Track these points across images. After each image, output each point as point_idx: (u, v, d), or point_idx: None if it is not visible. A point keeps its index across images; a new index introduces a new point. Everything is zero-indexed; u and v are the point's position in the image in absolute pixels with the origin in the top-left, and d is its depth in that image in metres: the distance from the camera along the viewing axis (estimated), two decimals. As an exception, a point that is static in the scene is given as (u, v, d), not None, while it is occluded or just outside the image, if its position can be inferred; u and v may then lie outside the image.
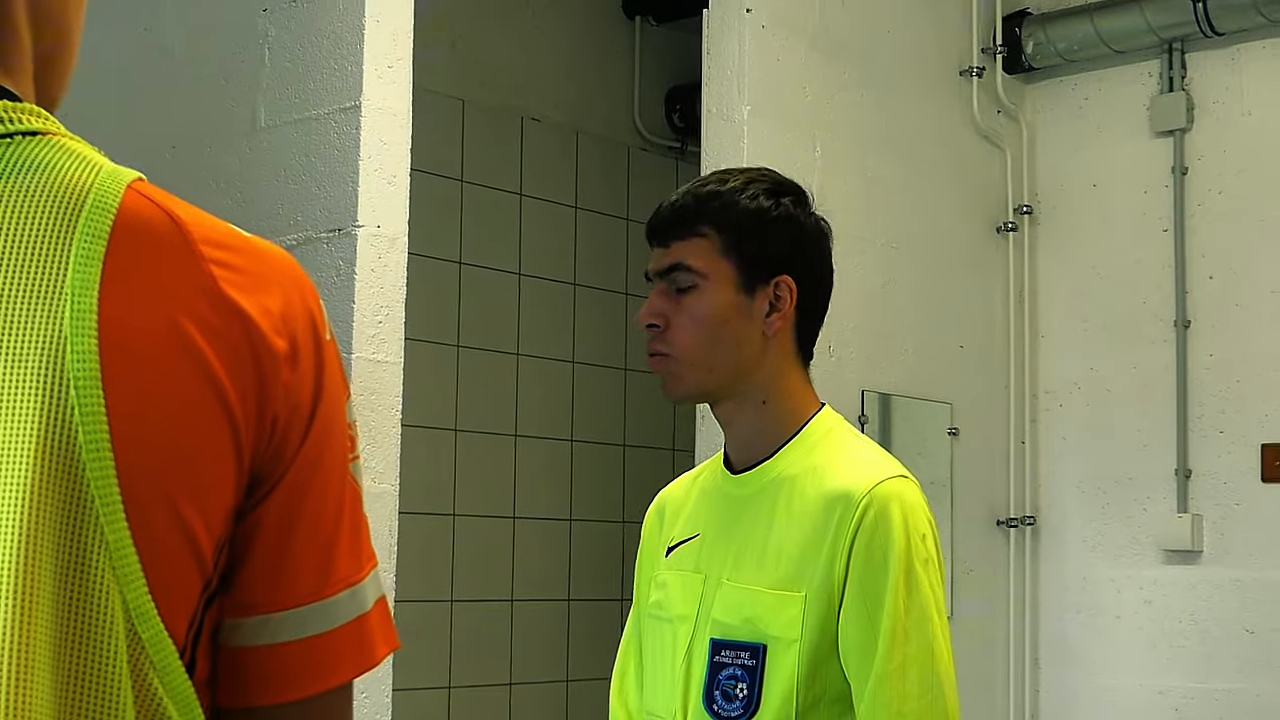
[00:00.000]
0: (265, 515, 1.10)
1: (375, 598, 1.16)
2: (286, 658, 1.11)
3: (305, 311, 1.13)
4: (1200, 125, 5.04)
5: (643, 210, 5.56)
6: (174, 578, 1.04)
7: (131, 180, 1.09)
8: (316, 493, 1.13)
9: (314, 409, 1.12)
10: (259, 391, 1.08)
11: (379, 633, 1.16)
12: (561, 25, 5.57)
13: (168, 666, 1.04)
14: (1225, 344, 4.92)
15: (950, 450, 4.92)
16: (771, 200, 2.24)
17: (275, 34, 3.54)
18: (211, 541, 1.06)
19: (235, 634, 1.10)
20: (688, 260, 2.21)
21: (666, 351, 2.21)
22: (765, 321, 2.22)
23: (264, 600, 1.11)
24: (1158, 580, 4.98)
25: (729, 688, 2.14)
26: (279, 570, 1.11)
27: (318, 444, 1.12)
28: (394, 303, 3.35)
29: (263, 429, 1.09)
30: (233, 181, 3.56)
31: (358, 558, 1.15)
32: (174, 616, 1.04)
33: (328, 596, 1.13)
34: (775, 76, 4.33)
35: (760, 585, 2.16)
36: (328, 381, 1.13)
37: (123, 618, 1.01)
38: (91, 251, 1.04)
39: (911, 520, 2.11)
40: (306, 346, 1.12)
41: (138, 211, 1.07)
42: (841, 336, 4.42)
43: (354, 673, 1.15)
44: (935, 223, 4.93)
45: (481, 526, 5.18)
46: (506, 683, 5.23)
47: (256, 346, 1.08)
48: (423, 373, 4.55)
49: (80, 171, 1.08)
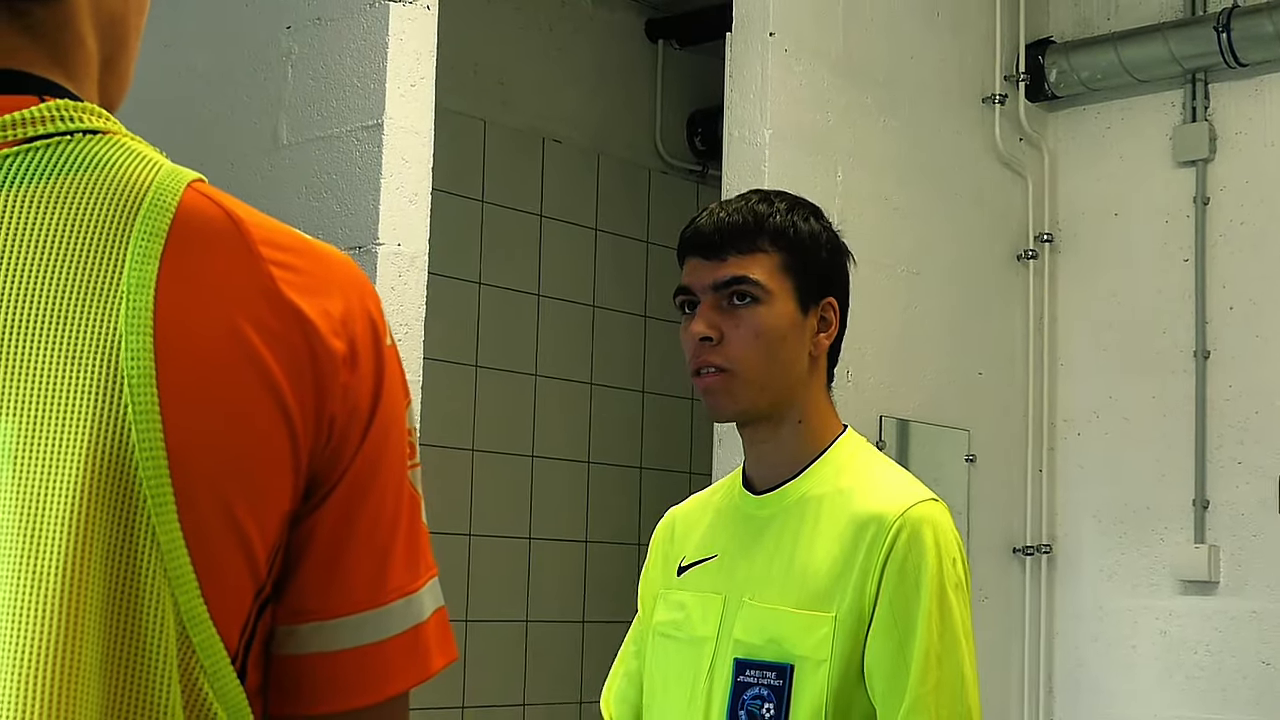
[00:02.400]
0: (321, 520, 1.08)
1: (433, 608, 1.14)
2: (339, 666, 1.10)
3: (365, 315, 1.11)
4: (1223, 155, 5.03)
5: (663, 233, 5.57)
6: (227, 582, 1.03)
7: (192, 180, 1.08)
8: (374, 498, 1.11)
9: (372, 412, 1.10)
10: (316, 394, 1.06)
11: (435, 643, 1.14)
12: (585, 47, 5.58)
13: (219, 671, 1.03)
14: (1245, 375, 4.90)
15: (968, 477, 4.91)
16: (820, 224, 2.27)
17: (299, 51, 3.55)
18: (266, 546, 1.05)
19: (288, 641, 1.09)
20: (752, 274, 2.20)
21: (723, 365, 2.19)
22: (814, 342, 2.24)
23: (317, 607, 1.09)
24: (1174, 611, 4.96)
25: (754, 708, 2.14)
26: (333, 576, 1.09)
27: (376, 448, 1.10)
28: (413, 321, 3.36)
29: (320, 432, 1.07)
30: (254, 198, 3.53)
31: (415, 566, 1.13)
32: (226, 621, 1.03)
33: (382, 605, 1.10)
34: (798, 101, 4.33)
35: (786, 605, 2.15)
36: (387, 385, 1.12)
37: (174, 620, 1.00)
38: (149, 250, 1.03)
39: (943, 544, 2.12)
40: (366, 349, 1.10)
41: (197, 210, 1.07)
42: (861, 361, 4.41)
43: (408, 684, 1.13)
44: (956, 249, 4.93)
45: (498, 547, 5.18)
46: (520, 704, 5.22)
47: (315, 349, 1.06)
48: (441, 393, 4.55)
49: (140, 169, 1.07)
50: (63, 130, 1.08)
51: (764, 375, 2.19)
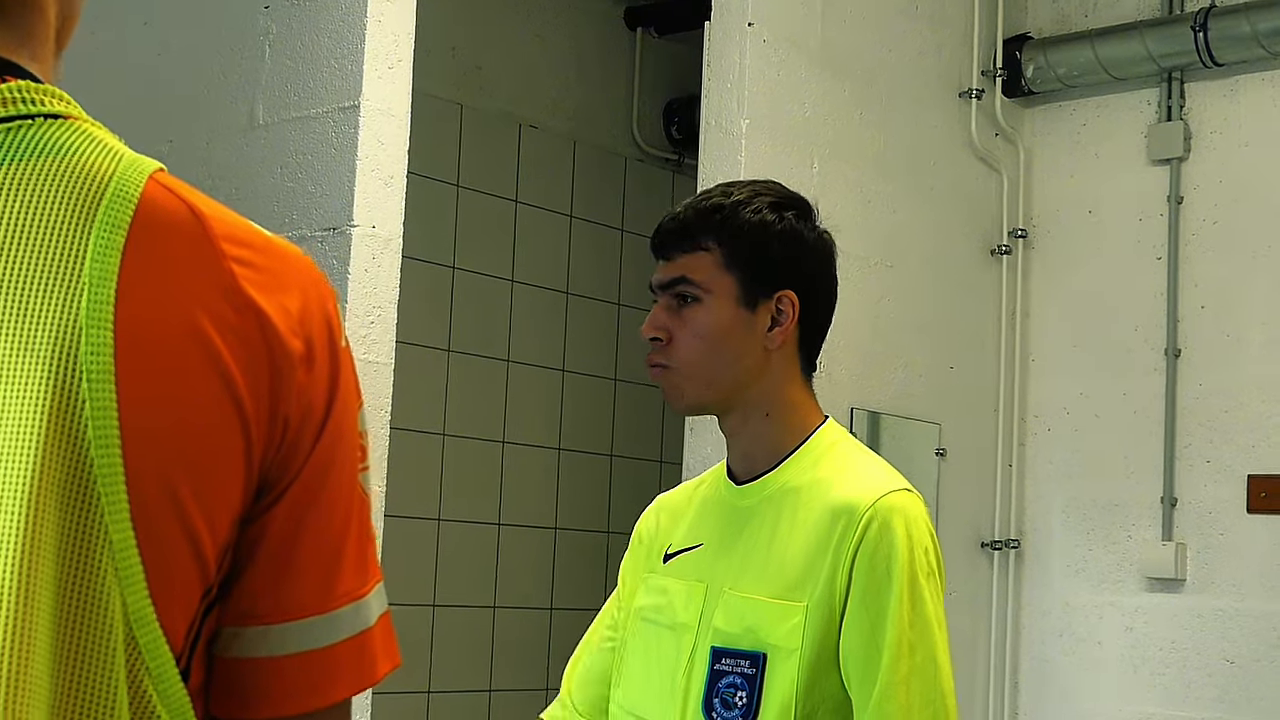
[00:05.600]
0: (271, 521, 1.07)
1: (379, 612, 1.14)
2: (286, 671, 1.08)
3: (323, 314, 1.10)
4: (1197, 155, 5.05)
5: (638, 221, 5.57)
6: (175, 582, 1.02)
7: (153, 170, 1.07)
8: (325, 501, 1.10)
9: (327, 413, 1.09)
10: (272, 392, 1.05)
11: (381, 649, 1.13)
12: (563, 34, 5.57)
13: (163, 674, 1.01)
14: (1215, 374, 4.92)
15: (937, 471, 4.92)
16: (775, 214, 2.25)
17: (276, 31, 3.54)
18: (216, 546, 1.04)
19: (234, 644, 1.07)
20: (690, 274, 2.21)
21: (666, 364, 2.22)
22: (766, 336, 2.22)
23: (265, 610, 1.08)
24: (1140, 608, 4.98)
25: (728, 695, 2.15)
26: (282, 580, 1.08)
27: (329, 450, 1.09)
28: (386, 304, 3.35)
29: (274, 431, 1.06)
30: (229, 177, 3.56)
31: (363, 571, 1.12)
32: (173, 622, 1.02)
33: (331, 610, 1.10)
34: (775, 91, 4.33)
35: (762, 595, 2.16)
36: (342, 387, 1.11)
37: (122, 621, 0.99)
38: (111, 242, 1.02)
39: (915, 533, 2.12)
40: (322, 350, 1.09)
41: (160, 203, 1.05)
42: (832, 354, 4.40)
43: (353, 689, 1.12)
44: (930, 243, 4.94)
45: (467, 532, 5.18)
46: (486, 689, 5.22)
47: (272, 347, 1.05)
48: (413, 376, 4.55)
49: (102, 158, 1.06)
50: (24, 114, 1.06)
51: (707, 372, 2.21)
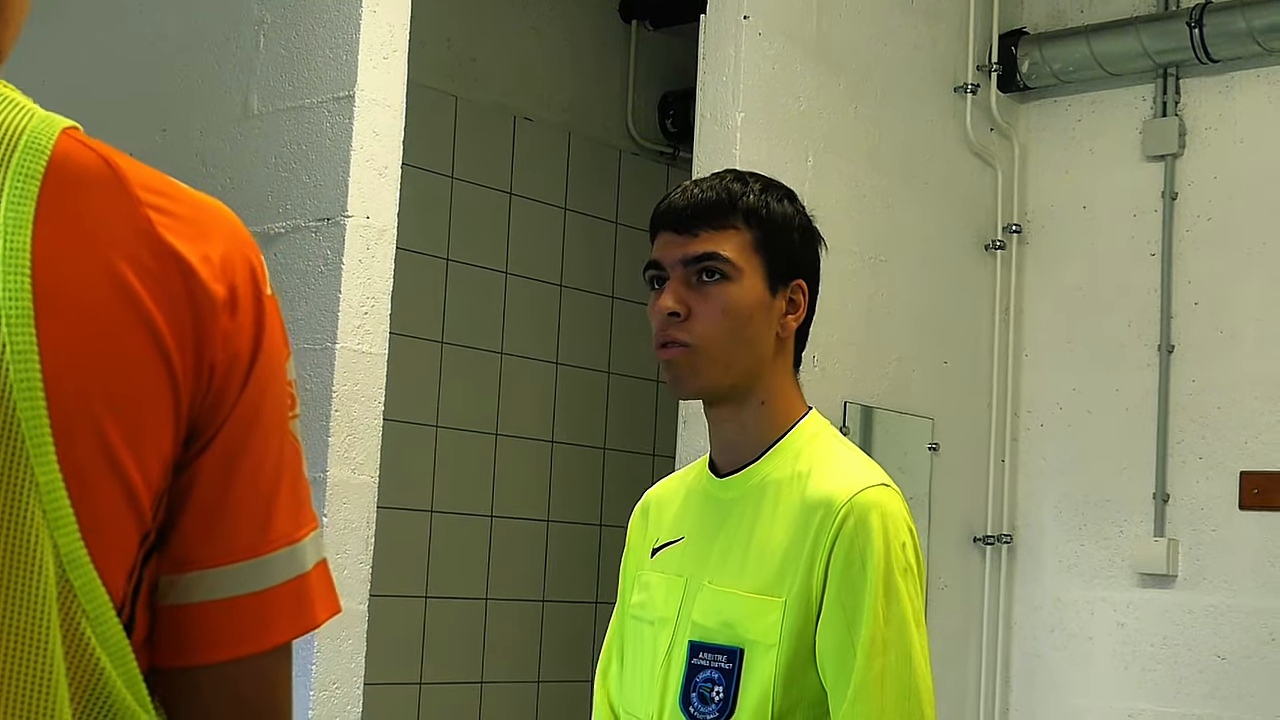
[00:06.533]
0: (202, 467, 1.08)
1: (316, 559, 1.14)
2: (222, 615, 1.09)
3: (245, 262, 1.11)
4: (1192, 151, 5.05)
5: (633, 214, 5.57)
6: (109, 525, 1.02)
7: (66, 126, 1.08)
8: (256, 446, 1.11)
9: (253, 359, 1.10)
10: (196, 338, 1.06)
11: (319, 595, 1.14)
12: (558, 26, 5.56)
13: (101, 616, 1.02)
14: (1208, 370, 4.92)
15: (930, 465, 4.92)
16: (793, 206, 2.27)
17: (271, 20, 3.53)
18: (150, 492, 1.05)
19: (171, 591, 1.08)
20: (723, 250, 2.18)
21: (687, 340, 2.17)
22: (781, 323, 2.23)
23: (200, 556, 1.09)
24: (1132, 603, 4.98)
25: (705, 690, 2.14)
26: (215, 524, 1.09)
27: (257, 396, 1.10)
28: (380, 294, 3.34)
29: (200, 376, 1.07)
30: (222, 167, 3.55)
31: (297, 516, 1.13)
32: (110, 567, 1.02)
33: (265, 553, 1.11)
34: (770, 84, 4.33)
35: (740, 589, 2.15)
36: (268, 333, 1.12)
37: (53, 562, 0.99)
38: (25, 190, 1.02)
39: (892, 529, 2.10)
40: (246, 296, 1.10)
41: (72, 155, 1.06)
42: (826, 348, 4.42)
43: (292, 633, 1.13)
44: (924, 238, 4.93)
45: (458, 524, 5.17)
46: (478, 681, 5.22)
47: (195, 292, 1.06)
48: (405, 367, 4.54)
49: (12, 115, 1.06)
50: None
51: (728, 353, 2.18)
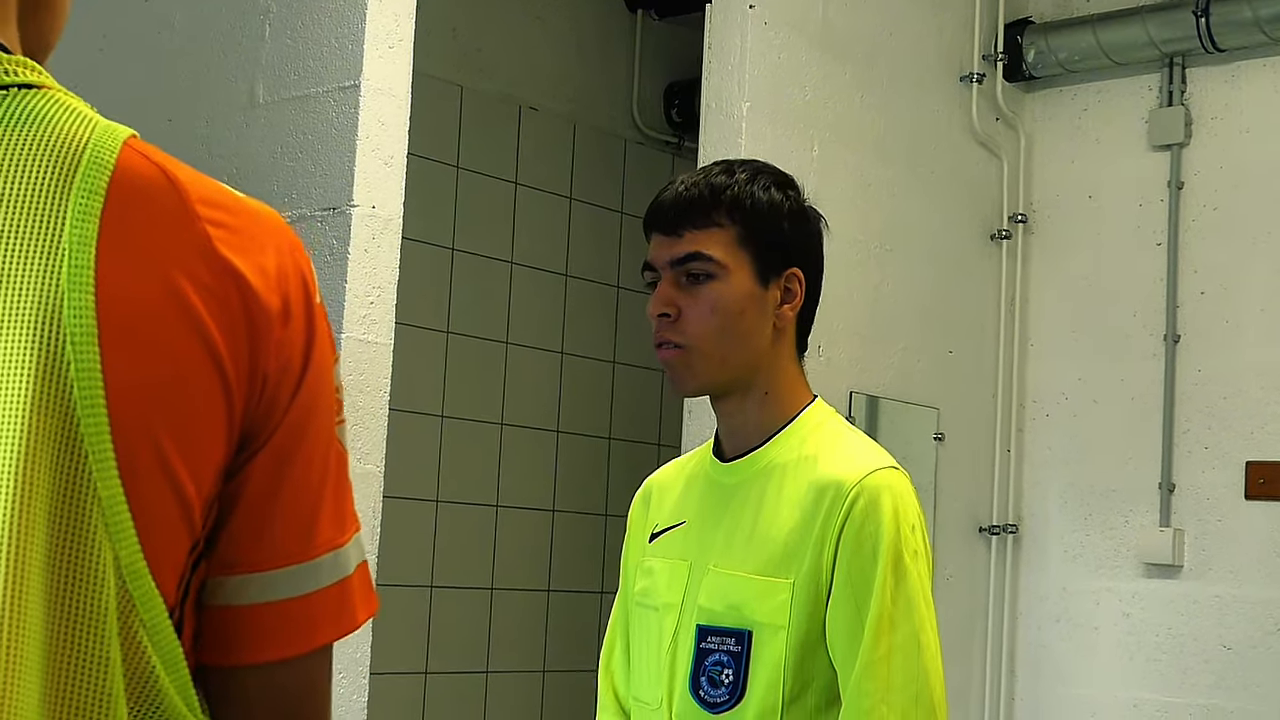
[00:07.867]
0: (252, 473, 1.10)
1: (357, 561, 1.17)
2: (268, 618, 1.12)
3: (298, 272, 1.13)
4: (1198, 140, 5.04)
5: (638, 204, 5.54)
6: (164, 535, 1.04)
7: (127, 137, 1.09)
8: (304, 453, 1.13)
9: (304, 368, 1.12)
10: (251, 350, 1.08)
11: (360, 597, 1.17)
12: (564, 16, 5.56)
13: (157, 625, 1.04)
14: (1214, 360, 4.92)
15: (935, 455, 4.92)
16: (782, 193, 2.26)
17: (277, 10, 3.53)
18: (201, 499, 1.07)
19: (218, 592, 1.11)
20: (707, 249, 2.19)
21: (680, 342, 2.19)
22: (777, 314, 2.23)
23: (248, 559, 1.11)
24: (1137, 593, 4.98)
25: (715, 673, 2.15)
26: (264, 529, 1.11)
27: (307, 404, 1.13)
28: (386, 284, 3.34)
29: (254, 387, 1.09)
30: (229, 156, 3.55)
31: (341, 520, 1.16)
32: (164, 575, 1.04)
33: (311, 558, 1.13)
34: (776, 74, 4.32)
35: (747, 572, 2.16)
36: (318, 342, 1.14)
37: (114, 574, 1.01)
38: (89, 208, 1.04)
39: (902, 511, 2.12)
40: (298, 306, 1.12)
41: (135, 169, 1.07)
42: (832, 337, 4.42)
43: (335, 635, 1.15)
44: (930, 228, 4.93)
45: (464, 514, 5.18)
46: (483, 670, 5.22)
47: (250, 305, 1.08)
48: (411, 357, 4.54)
49: (76, 126, 1.08)
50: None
51: (722, 351, 2.19)
